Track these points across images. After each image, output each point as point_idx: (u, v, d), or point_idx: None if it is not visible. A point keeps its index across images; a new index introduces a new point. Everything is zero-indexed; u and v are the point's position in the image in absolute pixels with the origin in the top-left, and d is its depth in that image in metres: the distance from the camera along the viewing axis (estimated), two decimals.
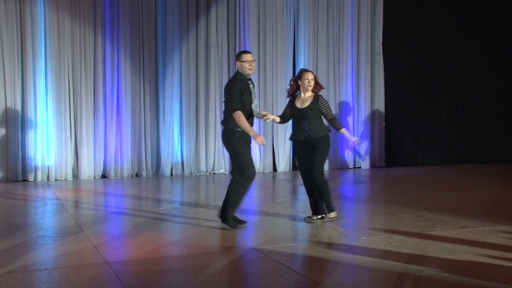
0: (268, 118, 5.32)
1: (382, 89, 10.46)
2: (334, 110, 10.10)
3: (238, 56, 5.11)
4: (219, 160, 9.49)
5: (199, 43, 9.33)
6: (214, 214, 5.84)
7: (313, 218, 5.40)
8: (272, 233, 4.96)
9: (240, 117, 4.89)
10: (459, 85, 11.17)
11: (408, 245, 4.48)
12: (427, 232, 4.94)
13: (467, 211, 5.99)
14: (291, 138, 5.61)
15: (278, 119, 5.50)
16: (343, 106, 10.24)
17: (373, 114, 10.44)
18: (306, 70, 5.49)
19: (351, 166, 10.15)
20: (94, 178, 8.82)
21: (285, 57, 9.82)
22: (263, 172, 9.60)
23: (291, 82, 5.51)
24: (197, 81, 9.35)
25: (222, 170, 9.50)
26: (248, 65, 5.00)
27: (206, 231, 5.06)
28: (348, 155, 10.20)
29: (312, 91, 5.41)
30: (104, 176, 8.94)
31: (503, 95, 11.47)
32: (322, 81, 9.98)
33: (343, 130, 5.54)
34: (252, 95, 5.08)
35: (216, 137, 9.43)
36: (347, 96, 10.26)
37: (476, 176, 9.31)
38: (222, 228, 5.08)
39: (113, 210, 6.33)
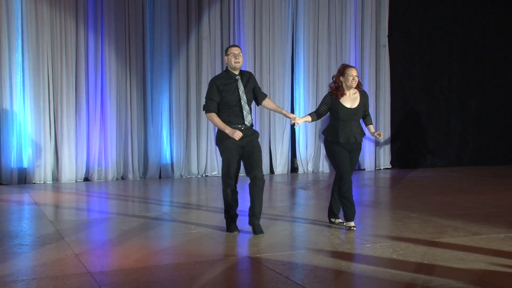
0: (298, 123, 5.37)
1: (388, 85, 10.47)
2: None
3: (225, 51, 5.32)
4: (212, 162, 9.47)
5: (190, 36, 9.31)
6: (206, 220, 5.82)
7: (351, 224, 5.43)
8: (269, 240, 4.94)
9: (212, 118, 5.14)
10: (471, 82, 11.20)
11: (416, 253, 4.48)
12: (436, 239, 4.94)
13: (479, 216, 6.00)
14: (328, 136, 5.39)
15: (309, 119, 5.47)
16: None
17: (378, 112, 10.44)
18: (349, 66, 5.45)
19: (354, 168, 10.13)
20: (76, 181, 8.79)
21: (283, 50, 9.82)
22: None
23: (334, 78, 5.44)
24: (187, 76, 9.33)
25: (215, 173, 9.48)
26: (234, 59, 5.15)
27: (198, 238, 5.05)
28: None
29: (356, 87, 5.43)
30: (86, 179, 8.91)
31: None
32: (322, 76, 10.06)
33: (371, 126, 5.64)
34: (240, 91, 5.12)
35: (208, 137, 9.42)
36: None
37: (488, 179, 9.33)
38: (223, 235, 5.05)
39: (96, 215, 6.30)
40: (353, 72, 5.34)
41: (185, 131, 9.35)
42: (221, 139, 5.14)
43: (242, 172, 5.54)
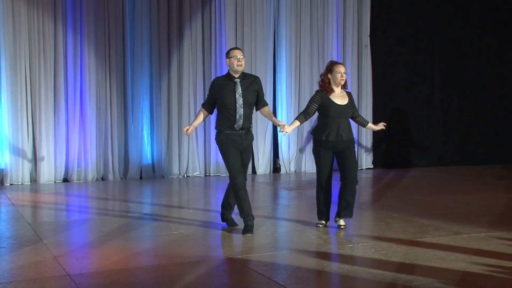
0: (287, 132, 5.31)
1: (370, 84, 10.56)
2: None
3: (227, 53, 5.34)
4: (193, 162, 9.45)
5: (171, 35, 9.27)
6: (187, 221, 5.81)
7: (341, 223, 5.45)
8: (251, 241, 4.95)
9: (198, 113, 5.53)
10: (452, 82, 11.34)
11: (398, 253, 4.52)
12: (418, 239, 4.99)
13: (460, 216, 6.08)
14: (319, 137, 5.33)
15: (298, 124, 5.44)
16: None
17: (360, 111, 10.50)
18: (337, 62, 5.42)
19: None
20: (55, 182, 8.70)
21: (265, 49, 9.84)
22: None
23: (321, 76, 5.39)
24: (169, 76, 9.30)
25: (197, 173, 9.46)
26: (237, 62, 5.19)
27: (179, 239, 5.03)
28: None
29: (343, 87, 5.40)
30: (66, 180, 8.83)
31: (498, 93, 11.68)
32: (305, 75, 10.10)
33: (369, 125, 5.65)
34: (237, 94, 5.16)
35: (189, 137, 9.39)
36: None
37: (470, 178, 9.46)
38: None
39: (75, 217, 6.25)
40: (341, 69, 5.30)
41: (166, 131, 9.31)
42: (221, 138, 5.24)
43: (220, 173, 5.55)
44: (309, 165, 10.12)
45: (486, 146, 11.62)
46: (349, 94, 5.46)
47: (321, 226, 5.47)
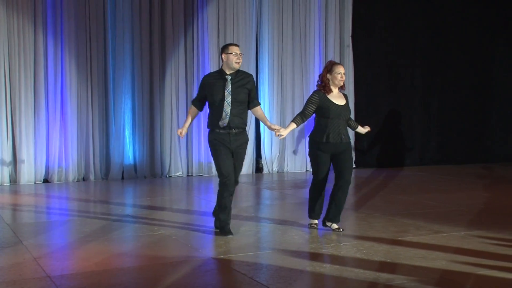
0: (283, 135, 5.08)
1: (352, 84, 10.62)
2: (301, 106, 10.17)
3: (225, 48, 5.09)
4: (176, 163, 9.41)
5: (153, 34, 9.23)
6: (169, 221, 5.78)
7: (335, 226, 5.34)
8: (234, 241, 4.95)
9: (189, 110, 5.43)
10: (433, 82, 11.46)
11: (379, 252, 4.56)
12: (399, 238, 5.04)
13: (441, 215, 6.14)
14: (319, 139, 5.15)
15: (294, 126, 5.21)
16: None
17: None
18: (336, 63, 5.28)
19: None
20: (35, 182, 8.61)
21: (247, 49, 9.83)
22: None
23: (320, 76, 5.25)
24: (151, 75, 9.25)
25: (179, 173, 9.43)
26: (236, 58, 4.99)
27: (161, 240, 5.01)
28: None
29: (340, 88, 5.28)
30: (46, 180, 8.73)
31: (478, 94, 11.83)
32: (287, 75, 10.12)
33: (359, 128, 5.55)
34: (226, 91, 4.98)
35: (172, 137, 9.35)
36: None
37: (450, 177, 9.57)
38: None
39: (56, 218, 6.19)
40: (341, 70, 5.18)
41: (148, 131, 9.26)
42: (210, 137, 5.15)
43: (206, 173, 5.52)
44: (291, 165, 10.15)
45: (466, 146, 11.76)
46: (345, 96, 5.36)
47: (315, 226, 5.37)
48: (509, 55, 12.01)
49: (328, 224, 5.34)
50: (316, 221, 5.43)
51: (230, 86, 5.01)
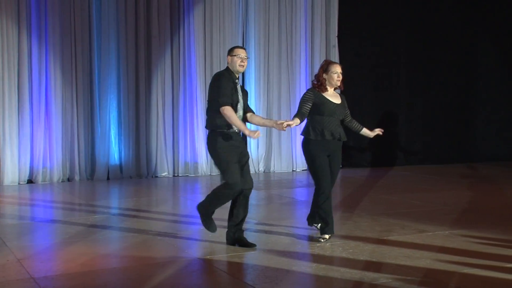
0: (290, 124, 4.68)
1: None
2: (287, 107, 10.20)
3: (230, 50, 4.88)
4: (162, 163, 9.38)
5: (139, 34, 9.18)
6: (155, 222, 5.75)
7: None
8: (220, 241, 4.94)
9: (230, 113, 4.55)
10: (417, 82, 11.55)
11: (365, 252, 4.58)
12: (385, 238, 5.07)
13: (425, 214, 6.19)
14: (314, 137, 4.95)
15: (298, 122, 4.92)
16: (296, 103, 10.30)
17: None
18: (332, 62, 5.16)
19: (305, 168, 10.27)
20: (19, 183, 8.52)
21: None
22: (210, 175, 9.57)
23: (316, 76, 5.11)
24: (136, 75, 9.20)
25: (165, 173, 9.39)
26: (240, 61, 4.77)
27: (147, 241, 4.99)
28: (303, 156, 10.30)
29: (336, 88, 5.14)
30: (30, 181, 8.65)
31: (461, 93, 11.94)
32: (274, 76, 10.13)
33: (364, 130, 5.37)
34: (238, 95, 4.77)
35: (158, 137, 9.31)
36: (301, 92, 10.35)
37: (434, 177, 9.64)
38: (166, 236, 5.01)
39: (40, 219, 6.13)
40: (337, 69, 5.04)
41: (134, 132, 9.21)
42: (223, 142, 4.63)
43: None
44: (278, 165, 10.16)
45: (451, 146, 11.86)
46: (341, 96, 5.26)
47: (327, 238, 4.96)
48: (493, 56, 12.13)
49: (324, 237, 4.96)
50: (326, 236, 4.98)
51: (240, 90, 4.80)
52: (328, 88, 5.11)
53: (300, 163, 10.27)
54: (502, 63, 12.22)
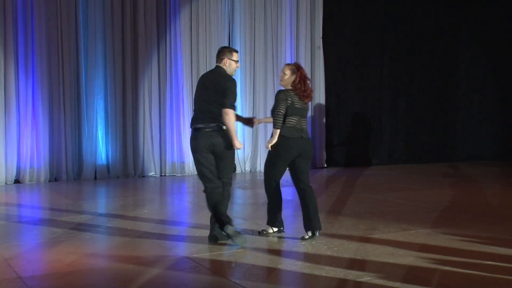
0: (258, 121, 5.15)
1: (323, 85, 10.70)
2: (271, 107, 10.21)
3: (229, 53, 4.87)
4: (149, 162, 9.34)
5: (125, 34, 9.14)
6: (142, 221, 5.74)
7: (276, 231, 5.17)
8: (207, 240, 4.93)
9: (232, 116, 4.68)
10: (400, 82, 11.64)
11: (349, 250, 4.61)
12: (369, 236, 5.10)
13: (408, 212, 6.24)
14: (291, 136, 4.95)
15: (271, 120, 5.01)
16: None
17: (314, 111, 10.65)
18: (287, 63, 5.26)
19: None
20: (6, 183, 8.44)
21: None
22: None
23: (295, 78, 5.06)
24: (123, 75, 9.16)
25: (152, 173, 9.36)
26: (237, 67, 4.90)
27: (134, 241, 4.97)
28: None
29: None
30: (17, 181, 8.57)
31: (443, 94, 12.06)
32: (259, 76, 10.14)
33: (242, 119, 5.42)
34: None
35: (144, 137, 9.28)
36: None
37: (417, 176, 9.72)
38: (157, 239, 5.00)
39: (27, 219, 6.07)
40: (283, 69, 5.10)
41: (121, 132, 9.16)
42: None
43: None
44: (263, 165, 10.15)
45: (433, 145, 11.97)
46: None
47: (277, 232, 5.14)
48: (475, 57, 12.26)
49: (310, 235, 4.95)
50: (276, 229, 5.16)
51: None
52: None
53: None
54: (483, 64, 12.36)
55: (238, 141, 4.76)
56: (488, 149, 12.37)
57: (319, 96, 10.68)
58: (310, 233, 4.95)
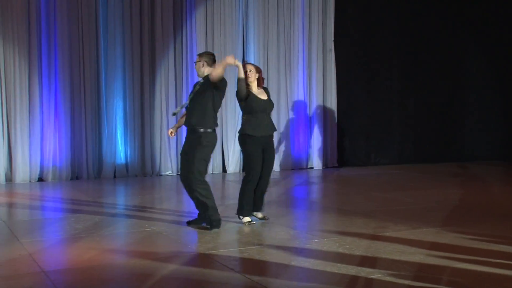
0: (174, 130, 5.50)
1: (334, 87, 10.64)
2: (286, 109, 10.19)
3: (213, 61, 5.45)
4: (165, 161, 9.37)
5: (144, 38, 9.17)
6: (160, 218, 5.75)
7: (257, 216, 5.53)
8: (221, 237, 4.94)
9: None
10: (409, 84, 11.54)
11: (361, 247, 4.58)
12: (379, 234, 5.06)
13: (418, 211, 6.18)
14: (250, 133, 5.28)
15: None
16: (295, 105, 10.34)
17: (325, 113, 10.60)
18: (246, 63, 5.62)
19: (303, 167, 10.27)
20: (30, 181, 8.51)
21: (233, 53, 9.77)
22: (212, 173, 9.55)
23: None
24: (141, 77, 9.19)
25: (169, 172, 9.38)
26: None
27: (152, 236, 4.98)
28: (300, 155, 10.31)
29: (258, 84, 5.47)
30: (41, 179, 8.64)
31: (452, 94, 11.94)
32: (273, 79, 10.11)
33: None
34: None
35: (161, 137, 9.31)
36: (299, 94, 10.37)
37: (426, 175, 9.63)
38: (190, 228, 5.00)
39: (50, 215, 6.12)
40: (248, 67, 5.46)
41: (139, 131, 9.20)
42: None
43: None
44: (277, 163, 10.14)
45: (442, 145, 11.86)
46: (266, 90, 5.53)
47: (254, 223, 5.42)
48: (481, 59, 12.13)
49: (254, 214, 5.48)
50: (249, 219, 5.43)
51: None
52: (253, 86, 5.41)
53: (303, 161, 10.28)
54: (489, 65, 12.22)
55: (226, 59, 5.16)
56: (496, 149, 12.22)
57: (331, 97, 10.63)
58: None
